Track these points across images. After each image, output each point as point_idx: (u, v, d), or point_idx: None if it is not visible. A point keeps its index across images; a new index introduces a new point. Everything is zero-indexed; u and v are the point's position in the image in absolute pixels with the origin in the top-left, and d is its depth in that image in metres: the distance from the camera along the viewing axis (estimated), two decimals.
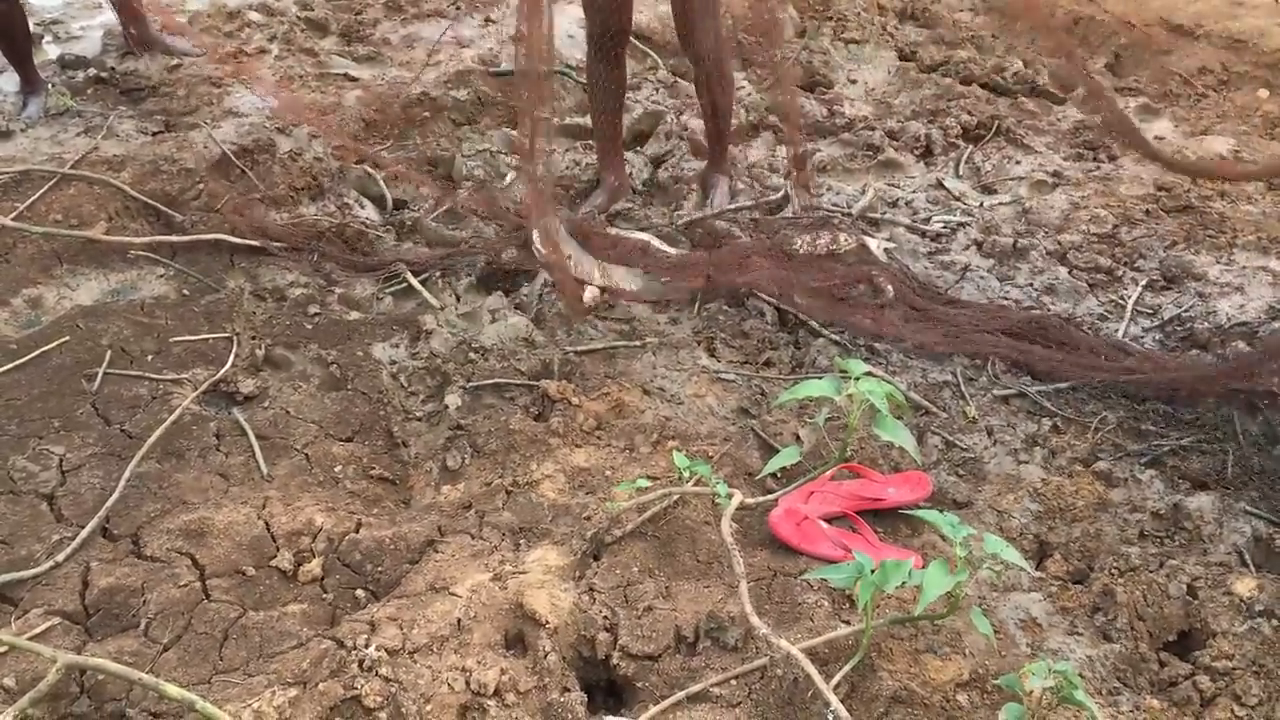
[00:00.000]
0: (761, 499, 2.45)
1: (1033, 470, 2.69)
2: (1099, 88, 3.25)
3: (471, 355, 3.00)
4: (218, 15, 4.94)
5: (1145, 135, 4.01)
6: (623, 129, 3.87)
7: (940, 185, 4.13)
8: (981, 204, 4.00)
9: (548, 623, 2.06)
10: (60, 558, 2.21)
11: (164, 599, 2.14)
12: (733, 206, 3.81)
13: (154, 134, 3.93)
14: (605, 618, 2.12)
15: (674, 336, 3.15)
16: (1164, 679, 2.10)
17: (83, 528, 2.29)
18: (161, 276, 3.25)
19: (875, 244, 3.47)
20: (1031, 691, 1.81)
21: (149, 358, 2.88)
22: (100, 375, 2.76)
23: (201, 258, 3.34)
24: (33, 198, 3.38)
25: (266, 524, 2.35)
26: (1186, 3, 5.32)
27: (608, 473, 2.57)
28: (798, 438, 2.71)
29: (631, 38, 5.08)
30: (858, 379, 2.38)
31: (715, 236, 3.67)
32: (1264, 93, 4.73)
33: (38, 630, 2.04)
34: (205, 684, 1.98)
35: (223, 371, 2.83)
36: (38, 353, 2.82)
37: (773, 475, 2.56)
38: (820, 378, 2.52)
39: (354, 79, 4.52)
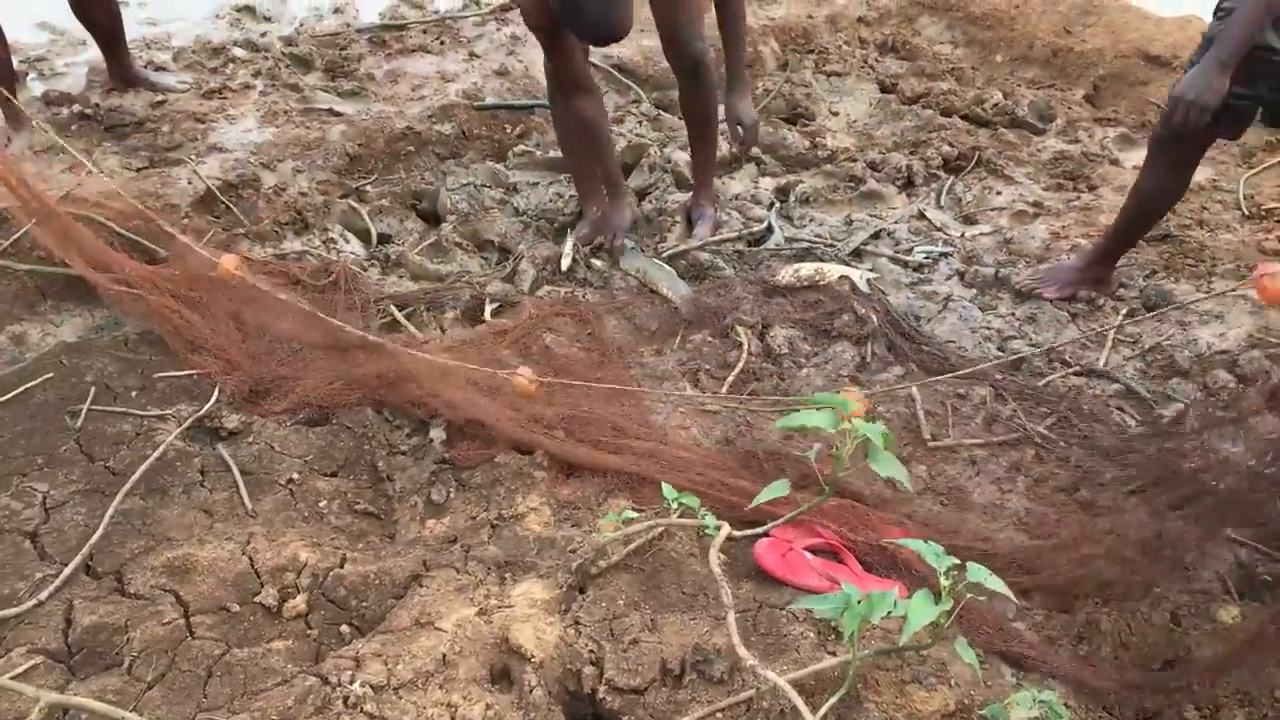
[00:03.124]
0: (749, 531, 2.45)
1: (1016, 499, 2.70)
2: None
3: None
4: (202, 51, 4.97)
5: None
6: (599, 162, 3.88)
7: (922, 216, 4.17)
8: (963, 234, 4.04)
9: (533, 657, 2.05)
10: (43, 596, 2.19)
11: (147, 636, 2.12)
12: (716, 239, 3.83)
13: (138, 170, 3.94)
14: (591, 651, 2.12)
15: (659, 368, 3.17)
16: (1149, 708, 2.10)
17: (66, 565, 2.27)
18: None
19: (858, 275, 3.49)
20: None
21: (133, 394, 2.87)
22: (84, 412, 2.75)
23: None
24: (16, 234, 3.37)
25: (251, 560, 2.34)
26: (1163, 34, 5.39)
27: (593, 505, 2.57)
28: (783, 470, 2.71)
29: (616, 71, 5.15)
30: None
31: (699, 268, 3.70)
32: None
33: (20, 669, 2.02)
34: None
35: (206, 407, 2.82)
36: (21, 389, 2.81)
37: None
38: (816, 408, 2.52)
39: (338, 114, 4.55)
